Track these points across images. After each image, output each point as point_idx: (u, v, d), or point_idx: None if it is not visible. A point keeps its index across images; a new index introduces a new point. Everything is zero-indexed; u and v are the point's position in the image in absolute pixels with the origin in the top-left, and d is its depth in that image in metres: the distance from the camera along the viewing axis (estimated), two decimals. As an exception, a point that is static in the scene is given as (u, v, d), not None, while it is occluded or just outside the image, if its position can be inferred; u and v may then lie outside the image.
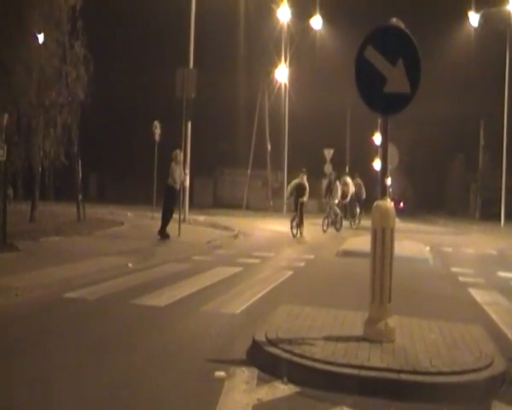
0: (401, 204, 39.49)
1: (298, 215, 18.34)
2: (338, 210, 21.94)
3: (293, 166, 36.82)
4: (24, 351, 5.56)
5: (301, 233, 18.42)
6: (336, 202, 21.89)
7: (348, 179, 24.13)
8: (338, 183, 22.29)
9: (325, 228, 20.95)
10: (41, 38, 17.60)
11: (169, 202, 15.63)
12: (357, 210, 25.57)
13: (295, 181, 19.10)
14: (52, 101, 17.93)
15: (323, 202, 22.70)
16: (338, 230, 21.42)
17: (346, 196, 23.32)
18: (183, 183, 16.68)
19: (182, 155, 16.11)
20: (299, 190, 18.67)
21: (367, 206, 22.67)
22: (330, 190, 21.89)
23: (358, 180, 26.55)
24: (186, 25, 23.71)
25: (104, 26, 33.22)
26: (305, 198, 18.71)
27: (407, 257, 13.13)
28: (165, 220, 15.44)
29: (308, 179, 20.73)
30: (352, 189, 23.90)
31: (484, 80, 37.20)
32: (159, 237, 15.16)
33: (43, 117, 17.79)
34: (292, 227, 18.30)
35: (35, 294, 7.93)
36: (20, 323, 6.65)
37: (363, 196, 26.02)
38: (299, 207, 18.37)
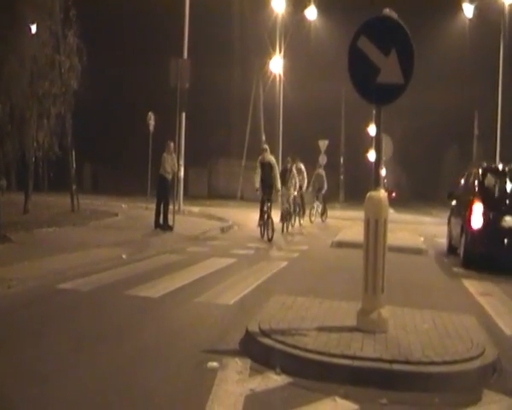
0: (393, 194, 39.65)
1: (267, 214, 15.23)
2: (291, 206, 18.36)
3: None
4: (16, 342, 5.54)
5: (271, 237, 14.97)
6: (296, 193, 18.86)
7: (302, 166, 20.33)
8: (295, 170, 18.88)
9: (284, 228, 17.50)
10: (33, 27, 17.47)
11: (161, 193, 15.65)
12: (316, 204, 22.85)
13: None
14: (45, 91, 17.82)
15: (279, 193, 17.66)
16: (286, 228, 17.71)
17: (301, 187, 20.01)
18: (175, 173, 16.65)
19: (172, 144, 16.09)
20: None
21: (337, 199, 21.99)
22: (285, 179, 17.95)
23: (320, 171, 23.64)
24: (180, 15, 23.61)
25: (98, 15, 33.01)
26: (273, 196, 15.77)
27: (401, 247, 13.16)
28: (158, 212, 15.44)
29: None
30: (306, 178, 20.69)
31: (478, 71, 37.24)
32: (158, 229, 15.16)
33: (37, 107, 17.68)
34: (261, 225, 15.28)
35: (28, 285, 7.91)
36: (12, 314, 6.63)
37: (324, 190, 23.10)
38: (267, 206, 15.26)
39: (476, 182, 12.19)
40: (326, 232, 18.59)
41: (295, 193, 18.88)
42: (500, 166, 13.44)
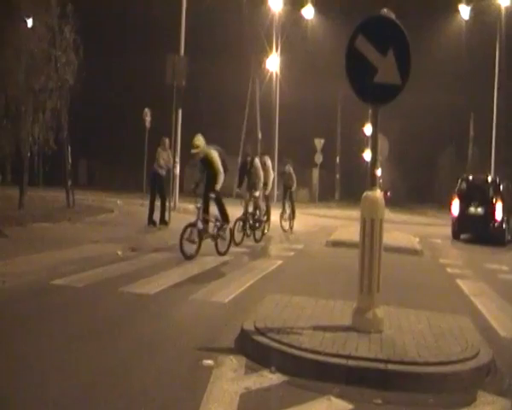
0: (388, 194, 39.75)
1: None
2: (261, 210, 14.72)
3: (284, 156, 36.91)
4: (10, 338, 5.52)
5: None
6: (267, 193, 15.40)
7: (268, 161, 15.76)
8: (258, 163, 14.63)
9: (239, 239, 13.21)
10: (30, 22, 17.41)
11: (155, 189, 15.64)
12: (287, 209, 17.85)
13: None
14: (41, 86, 17.73)
15: (239, 193, 14.69)
16: (254, 237, 14.18)
17: (267, 186, 15.18)
18: (171, 169, 16.61)
19: (167, 140, 16.07)
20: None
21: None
22: (249, 174, 14.41)
23: (287, 168, 18.39)
24: (177, 12, 23.57)
25: (95, 10, 32.89)
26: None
27: (396, 248, 13.20)
28: (152, 208, 15.41)
29: (299, 169, 20.47)
30: (272, 175, 15.88)
31: (474, 72, 37.33)
32: (151, 225, 15.14)
33: (32, 102, 17.59)
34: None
35: (22, 280, 7.88)
36: (6, 310, 6.59)
37: (293, 188, 18.14)
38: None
39: (457, 186, 19.45)
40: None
41: (266, 192, 15.35)
42: (472, 177, 20.43)
